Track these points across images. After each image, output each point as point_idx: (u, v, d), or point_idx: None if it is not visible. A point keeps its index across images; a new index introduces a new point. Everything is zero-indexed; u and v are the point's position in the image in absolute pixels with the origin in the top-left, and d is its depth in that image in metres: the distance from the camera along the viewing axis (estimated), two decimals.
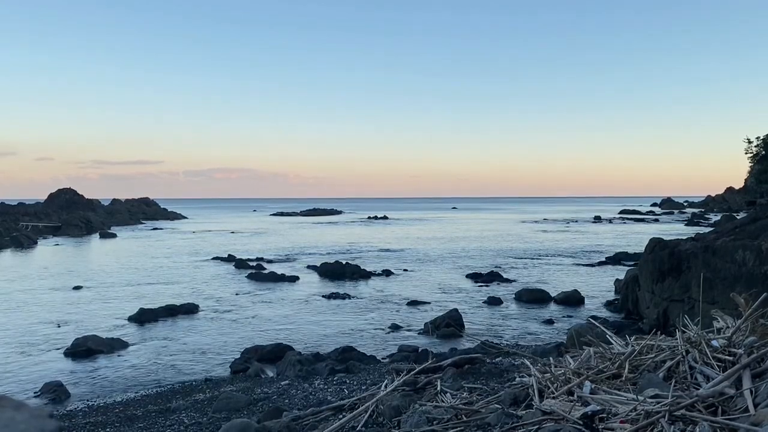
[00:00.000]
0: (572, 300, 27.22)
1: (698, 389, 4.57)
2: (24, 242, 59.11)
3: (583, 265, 42.08)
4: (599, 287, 31.68)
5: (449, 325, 21.29)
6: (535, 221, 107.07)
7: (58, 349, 19.35)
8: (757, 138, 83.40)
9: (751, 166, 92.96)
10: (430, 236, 71.92)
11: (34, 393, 14.98)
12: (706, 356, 5.38)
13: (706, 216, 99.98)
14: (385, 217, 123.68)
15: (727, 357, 5.22)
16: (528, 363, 7.26)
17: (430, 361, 8.86)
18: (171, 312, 25.11)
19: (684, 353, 5.58)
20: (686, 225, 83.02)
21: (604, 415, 4.46)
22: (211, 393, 13.80)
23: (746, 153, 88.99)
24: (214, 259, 46.84)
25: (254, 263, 42.96)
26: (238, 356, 18.04)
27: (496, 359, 10.92)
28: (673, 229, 70.18)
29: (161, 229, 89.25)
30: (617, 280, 30.36)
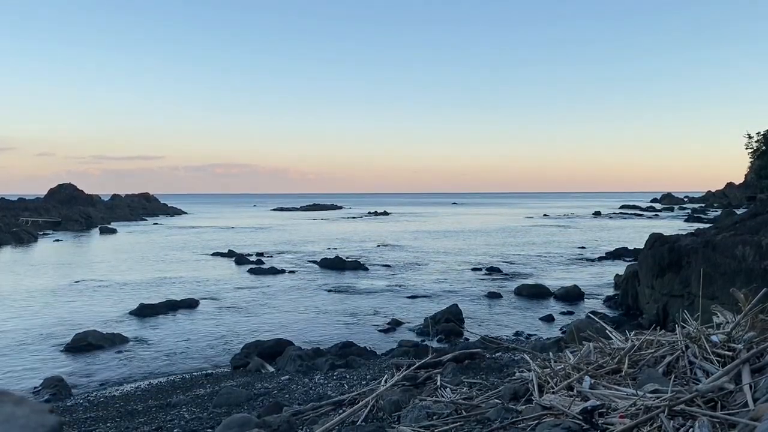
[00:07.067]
0: (572, 295, 27.24)
1: (698, 384, 4.58)
2: (24, 238, 59.10)
3: (583, 260, 42.10)
4: (599, 282, 31.70)
5: (449, 320, 21.31)
6: (535, 216, 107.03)
7: (59, 344, 19.39)
8: (758, 133, 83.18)
9: (751, 162, 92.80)
10: (430, 231, 71.92)
11: (35, 388, 15.02)
12: (705, 351, 5.39)
13: (707, 211, 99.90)
14: (385, 213, 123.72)
15: (726, 352, 5.22)
16: (528, 358, 7.27)
17: (429, 356, 8.86)
18: (171, 307, 25.15)
19: (683, 348, 5.59)
20: (686, 220, 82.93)
21: (604, 410, 4.47)
22: (211, 388, 13.84)
23: (746, 148, 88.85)
24: (214, 254, 46.87)
25: (254, 258, 43.01)
26: (239, 351, 18.08)
27: (496, 354, 10.94)
28: (673, 225, 70.17)
29: (161, 224, 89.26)
30: (617, 275, 30.37)
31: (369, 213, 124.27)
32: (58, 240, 61.63)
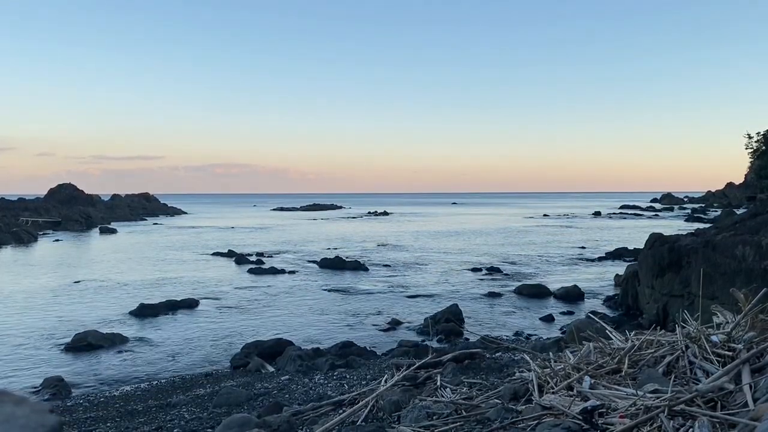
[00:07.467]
0: (572, 295, 27.25)
1: (698, 384, 4.58)
2: (24, 238, 59.09)
3: (583, 260, 42.10)
4: (599, 282, 31.70)
5: (449, 320, 21.31)
6: (535, 216, 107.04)
7: (59, 344, 19.39)
8: (758, 133, 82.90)
9: (751, 162, 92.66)
10: (430, 231, 71.90)
11: (35, 388, 15.02)
12: (705, 351, 5.39)
13: (707, 211, 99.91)
14: (385, 213, 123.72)
15: (726, 352, 5.22)
16: (528, 358, 7.27)
17: (429, 356, 8.86)
18: (171, 307, 25.14)
19: (683, 348, 5.59)
20: (686, 220, 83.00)
21: (604, 410, 4.47)
22: (211, 388, 13.84)
23: (746, 148, 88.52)
24: (214, 254, 46.87)
25: (254, 258, 43.01)
26: (239, 351, 18.08)
27: (496, 354, 10.94)
28: (673, 225, 70.17)
29: (161, 224, 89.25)
30: (617, 275, 30.38)
31: (369, 213, 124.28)
32: (58, 240, 61.64)
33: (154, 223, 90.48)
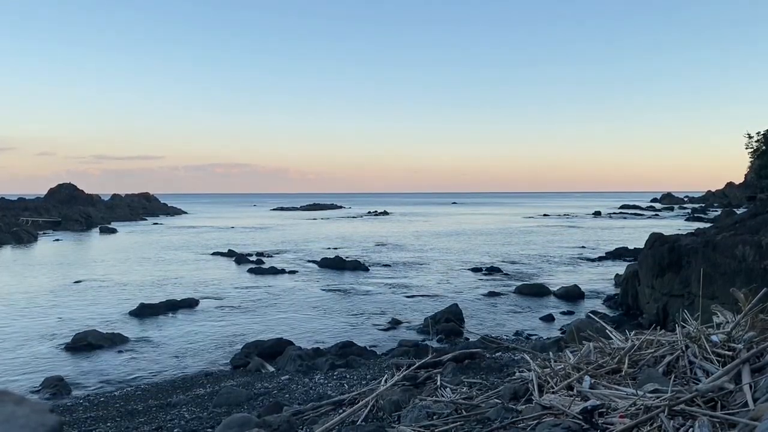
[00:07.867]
0: (572, 295, 27.25)
1: (698, 384, 4.58)
2: (24, 237, 59.07)
3: (583, 260, 42.10)
4: (599, 282, 31.70)
5: (449, 320, 21.31)
6: (535, 216, 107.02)
7: (59, 344, 19.39)
8: (758, 133, 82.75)
9: (751, 162, 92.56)
10: (430, 231, 71.90)
11: (35, 387, 15.02)
12: (705, 351, 5.39)
13: (707, 211, 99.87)
14: (385, 212, 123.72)
15: (726, 352, 5.22)
16: (528, 358, 7.27)
17: (429, 356, 8.85)
18: (171, 307, 25.14)
19: (683, 348, 5.59)
20: (686, 220, 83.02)
21: (604, 410, 4.47)
22: (211, 388, 13.84)
23: (746, 148, 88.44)
24: (214, 254, 46.86)
25: (254, 258, 43.01)
26: (239, 351, 18.09)
27: (496, 354, 10.93)
28: (673, 225, 70.15)
29: (161, 224, 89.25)
30: (617, 275, 30.38)
31: (369, 213, 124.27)
32: (58, 240, 61.62)
33: (154, 223, 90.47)
